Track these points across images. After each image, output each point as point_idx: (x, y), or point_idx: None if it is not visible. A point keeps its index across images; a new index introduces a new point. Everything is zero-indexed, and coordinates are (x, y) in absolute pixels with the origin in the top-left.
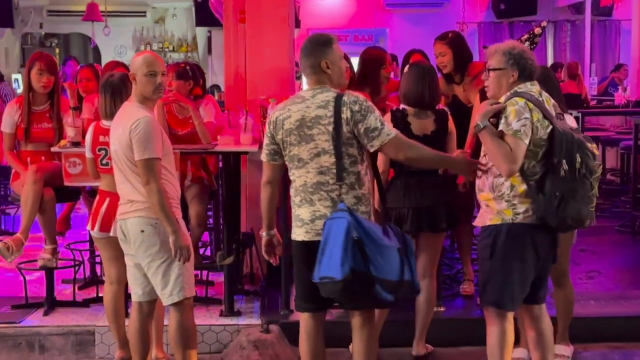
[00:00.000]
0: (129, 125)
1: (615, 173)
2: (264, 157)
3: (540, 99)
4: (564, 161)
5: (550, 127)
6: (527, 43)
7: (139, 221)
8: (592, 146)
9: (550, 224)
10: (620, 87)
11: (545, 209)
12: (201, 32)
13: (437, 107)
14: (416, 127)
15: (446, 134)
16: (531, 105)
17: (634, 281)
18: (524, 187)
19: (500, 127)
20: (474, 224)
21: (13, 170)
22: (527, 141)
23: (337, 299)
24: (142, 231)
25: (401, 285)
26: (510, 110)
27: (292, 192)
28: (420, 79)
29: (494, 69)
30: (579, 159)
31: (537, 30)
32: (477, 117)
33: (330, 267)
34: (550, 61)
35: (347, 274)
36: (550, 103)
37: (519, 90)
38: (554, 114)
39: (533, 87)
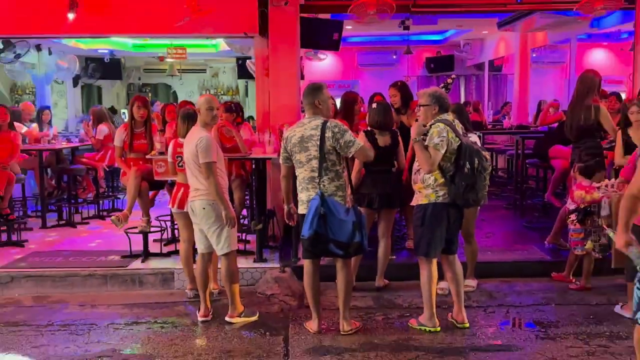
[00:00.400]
0: (196, 141)
1: (503, 171)
2: (281, 160)
3: (453, 123)
4: (467, 163)
5: (459, 142)
6: (444, 88)
7: (201, 202)
8: (485, 154)
9: (458, 203)
10: (506, 117)
11: (456, 194)
12: (241, 82)
13: (391, 129)
14: (380, 141)
15: (397, 144)
16: (448, 128)
17: (514, 240)
18: (442, 179)
19: (426, 142)
20: (411, 204)
21: (122, 170)
22: (442, 151)
23: (310, 249)
24: (204, 208)
25: (350, 245)
26: (433, 130)
27: (297, 183)
28: (381, 112)
29: (423, 105)
30: (476, 162)
31: (449, 80)
32: (413, 134)
33: (305, 229)
34: (462, 100)
35: (311, 234)
36: (459, 126)
37: (439, 118)
38: (461, 133)
39: (448, 116)
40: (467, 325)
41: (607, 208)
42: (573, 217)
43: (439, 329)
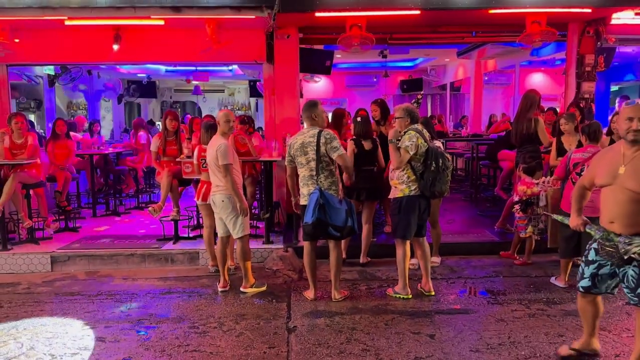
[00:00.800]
0: (216, 147)
1: (462, 170)
2: (286, 162)
3: (422, 132)
4: (433, 163)
5: (427, 146)
6: (415, 104)
7: (221, 196)
8: (447, 156)
9: (426, 195)
10: (464, 127)
11: (424, 187)
12: (253, 100)
13: (372, 137)
14: (365, 146)
15: (377, 149)
16: (418, 135)
17: (470, 225)
18: (414, 176)
19: (399, 144)
20: (389, 197)
21: (157, 170)
22: (411, 153)
23: (311, 233)
24: (223, 201)
25: (344, 228)
26: (405, 136)
27: (299, 180)
28: (363, 124)
29: (398, 117)
30: (440, 162)
31: (419, 97)
32: (390, 137)
33: (307, 217)
34: (429, 113)
35: (313, 220)
36: (427, 134)
37: (411, 127)
38: (428, 139)
39: (418, 126)
40: (433, 293)
41: (544, 200)
42: (517, 207)
43: (410, 296)
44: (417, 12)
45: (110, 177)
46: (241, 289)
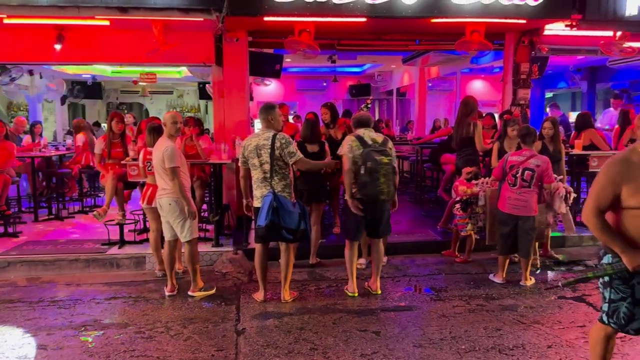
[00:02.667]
0: (162, 149)
1: (407, 173)
2: (240, 164)
3: (362, 135)
4: (363, 165)
5: (361, 149)
6: (365, 108)
7: (168, 199)
8: (380, 158)
9: (364, 198)
10: (410, 131)
11: (359, 190)
12: (202, 102)
13: (319, 140)
14: (309, 148)
15: (324, 152)
16: (353, 138)
17: (415, 225)
18: (354, 180)
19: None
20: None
21: (101, 173)
22: (350, 156)
23: (264, 236)
24: (170, 204)
25: (298, 231)
26: (344, 142)
27: (252, 182)
28: (311, 127)
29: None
30: (369, 164)
31: (368, 102)
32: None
33: (261, 220)
34: (377, 118)
35: (267, 223)
36: (369, 137)
37: (353, 133)
38: (369, 143)
39: (364, 130)
40: (379, 292)
41: (483, 199)
42: (458, 206)
43: (356, 294)
44: (364, 19)
45: (52, 181)
46: (189, 293)
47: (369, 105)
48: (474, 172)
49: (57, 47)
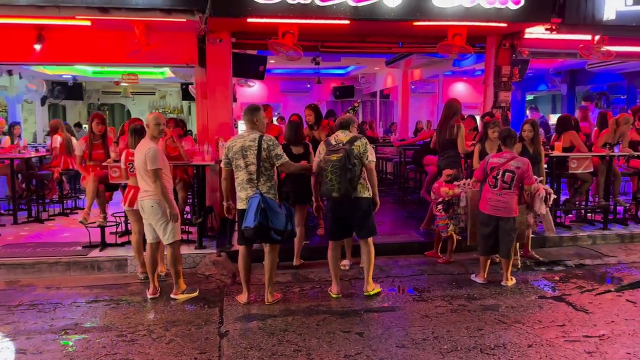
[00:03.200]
0: (145, 151)
1: (391, 174)
2: (222, 165)
3: (330, 139)
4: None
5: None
6: (352, 110)
7: (150, 201)
8: (330, 156)
9: (325, 196)
10: (393, 133)
11: (320, 189)
12: (185, 103)
13: (303, 142)
14: (294, 150)
15: (308, 154)
16: (324, 143)
17: (398, 226)
18: None
19: None
20: None
21: (82, 175)
22: (317, 160)
23: (252, 237)
24: (152, 206)
25: (285, 232)
26: None
27: (236, 184)
28: (293, 129)
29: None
30: (320, 164)
31: (356, 104)
32: None
33: (248, 221)
34: (361, 120)
35: (256, 224)
36: (335, 139)
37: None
38: (333, 144)
39: (339, 132)
40: (371, 293)
41: (464, 200)
42: (440, 207)
43: (340, 295)
44: (347, 21)
45: (32, 183)
46: (172, 296)
47: (356, 108)
48: (454, 174)
49: (37, 47)
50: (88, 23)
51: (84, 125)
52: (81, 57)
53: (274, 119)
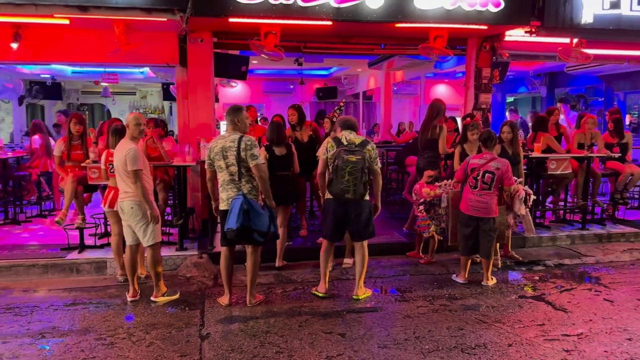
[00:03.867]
0: (125, 151)
1: None
2: (206, 166)
3: (340, 137)
4: (333, 164)
5: (334, 148)
6: (338, 110)
7: (130, 203)
8: (349, 156)
9: (332, 196)
10: (376, 135)
11: (327, 188)
12: (166, 103)
13: (286, 142)
14: (277, 151)
15: (292, 154)
16: (329, 139)
17: (381, 227)
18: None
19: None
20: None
21: (60, 176)
22: (324, 157)
23: (234, 239)
24: (132, 208)
25: (268, 234)
26: (322, 143)
27: (218, 185)
28: (277, 130)
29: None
30: (336, 162)
31: (341, 105)
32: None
33: (231, 222)
34: None
35: (238, 226)
36: (346, 139)
37: (331, 136)
38: (344, 143)
39: (347, 132)
40: (360, 297)
41: (445, 201)
42: (421, 207)
43: (326, 295)
44: (329, 22)
45: (9, 184)
46: (152, 299)
47: (342, 108)
48: (434, 175)
49: (14, 45)
50: (66, 22)
51: None
52: (60, 56)
53: (258, 119)
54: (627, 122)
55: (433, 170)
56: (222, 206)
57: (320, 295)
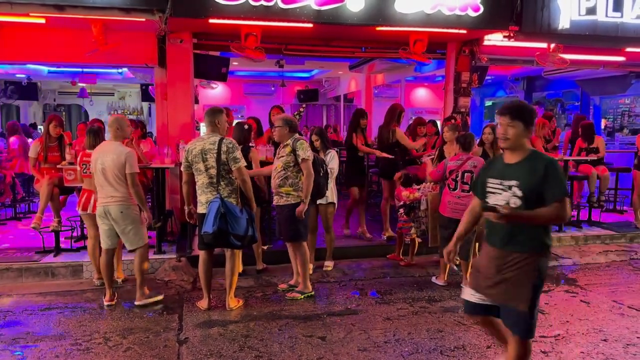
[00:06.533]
0: (123, 154)
1: None
2: (182, 168)
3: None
4: (321, 169)
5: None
6: (297, 116)
7: (118, 207)
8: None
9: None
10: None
11: (317, 192)
12: (145, 104)
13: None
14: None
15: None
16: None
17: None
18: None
19: (303, 155)
20: (279, 203)
21: (35, 178)
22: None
23: (211, 243)
24: (121, 212)
25: (246, 237)
26: (302, 145)
27: (196, 188)
28: (240, 132)
29: (278, 127)
30: (325, 167)
31: (300, 110)
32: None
33: (207, 226)
34: (325, 123)
35: (215, 230)
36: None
37: (297, 137)
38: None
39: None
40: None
41: (424, 203)
42: (402, 210)
43: (313, 292)
44: (310, 25)
45: None
46: (136, 303)
47: (302, 113)
48: (403, 175)
49: None
50: (42, 21)
51: (39, 127)
52: (35, 56)
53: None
54: (603, 127)
55: (398, 172)
56: (201, 209)
57: (308, 294)
